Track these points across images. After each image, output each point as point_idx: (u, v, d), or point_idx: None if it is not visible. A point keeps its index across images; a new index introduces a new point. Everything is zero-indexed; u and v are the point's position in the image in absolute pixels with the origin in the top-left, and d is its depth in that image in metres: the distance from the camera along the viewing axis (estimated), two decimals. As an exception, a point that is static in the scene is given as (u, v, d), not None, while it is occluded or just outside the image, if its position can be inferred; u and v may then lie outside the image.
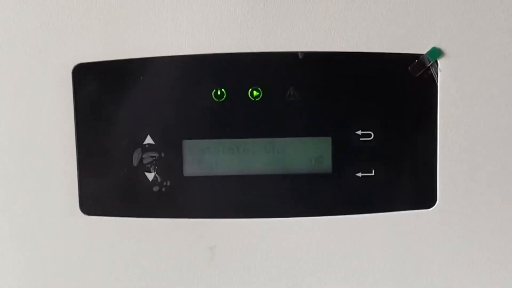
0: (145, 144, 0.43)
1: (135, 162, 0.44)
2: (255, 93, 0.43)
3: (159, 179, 0.44)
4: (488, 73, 0.42)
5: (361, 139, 0.43)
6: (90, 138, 0.43)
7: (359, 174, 0.43)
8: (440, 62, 0.42)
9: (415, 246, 0.44)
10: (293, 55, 0.42)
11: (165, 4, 0.42)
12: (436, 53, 0.42)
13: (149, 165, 0.44)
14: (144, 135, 0.43)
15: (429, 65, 0.42)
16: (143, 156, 0.44)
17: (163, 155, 0.44)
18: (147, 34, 0.42)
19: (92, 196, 0.44)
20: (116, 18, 0.42)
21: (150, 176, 0.44)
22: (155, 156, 0.44)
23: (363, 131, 0.43)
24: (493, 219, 0.43)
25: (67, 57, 0.42)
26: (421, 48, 0.42)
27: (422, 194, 0.43)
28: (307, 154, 0.44)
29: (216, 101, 0.43)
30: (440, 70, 0.42)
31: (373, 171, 0.43)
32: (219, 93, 0.43)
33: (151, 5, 0.42)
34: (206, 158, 0.44)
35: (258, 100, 0.43)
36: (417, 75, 0.42)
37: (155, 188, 0.44)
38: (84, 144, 0.43)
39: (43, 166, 0.43)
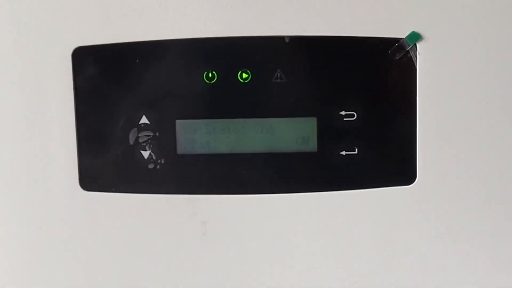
0: (141, 124, 0.45)
1: (131, 141, 0.45)
2: (244, 75, 0.44)
3: (154, 157, 0.45)
4: (464, 55, 0.43)
5: (344, 119, 0.44)
6: (89, 118, 0.44)
7: (343, 153, 0.44)
8: (418, 45, 0.43)
9: (395, 220, 0.45)
10: (280, 39, 0.43)
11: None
12: (415, 37, 0.43)
13: (144, 144, 0.45)
14: (139, 115, 0.44)
15: (409, 48, 0.43)
16: (139, 135, 0.45)
17: (157, 134, 0.45)
18: (143, 19, 0.43)
19: (91, 173, 0.45)
20: (114, 3, 0.43)
21: (146, 154, 0.45)
22: (150, 135, 0.45)
23: (347, 112, 0.44)
24: (471, 195, 0.44)
25: (67, 40, 0.43)
26: (401, 32, 0.43)
27: (402, 171, 0.44)
28: (293, 133, 0.45)
29: (207, 83, 0.44)
30: (419, 53, 0.43)
31: (356, 149, 0.44)
32: (210, 75, 0.44)
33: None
34: (198, 137, 0.45)
35: (247, 82, 0.44)
36: (397, 58, 0.43)
37: (150, 166, 0.45)
38: (83, 123, 0.44)
39: (45, 145, 0.44)
